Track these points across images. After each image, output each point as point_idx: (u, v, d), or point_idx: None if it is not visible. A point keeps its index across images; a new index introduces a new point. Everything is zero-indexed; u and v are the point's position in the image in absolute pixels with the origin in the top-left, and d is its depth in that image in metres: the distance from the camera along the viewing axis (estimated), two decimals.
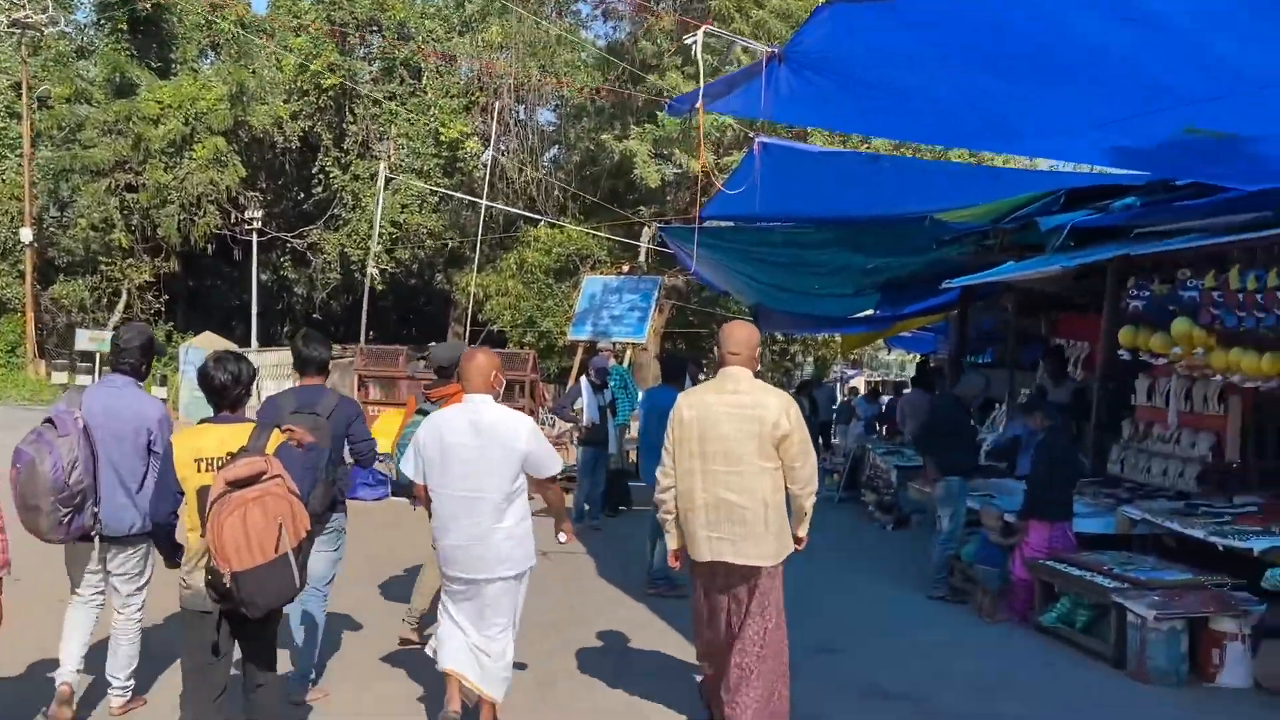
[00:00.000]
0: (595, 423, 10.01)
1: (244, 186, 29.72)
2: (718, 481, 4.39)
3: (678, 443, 4.52)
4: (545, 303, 22.99)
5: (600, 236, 21.44)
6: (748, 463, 4.36)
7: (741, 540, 4.36)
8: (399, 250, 29.81)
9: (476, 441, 4.33)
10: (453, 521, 4.36)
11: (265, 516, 3.69)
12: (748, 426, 4.36)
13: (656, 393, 7.65)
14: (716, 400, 4.48)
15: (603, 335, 19.87)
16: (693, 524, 4.46)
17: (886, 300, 13.01)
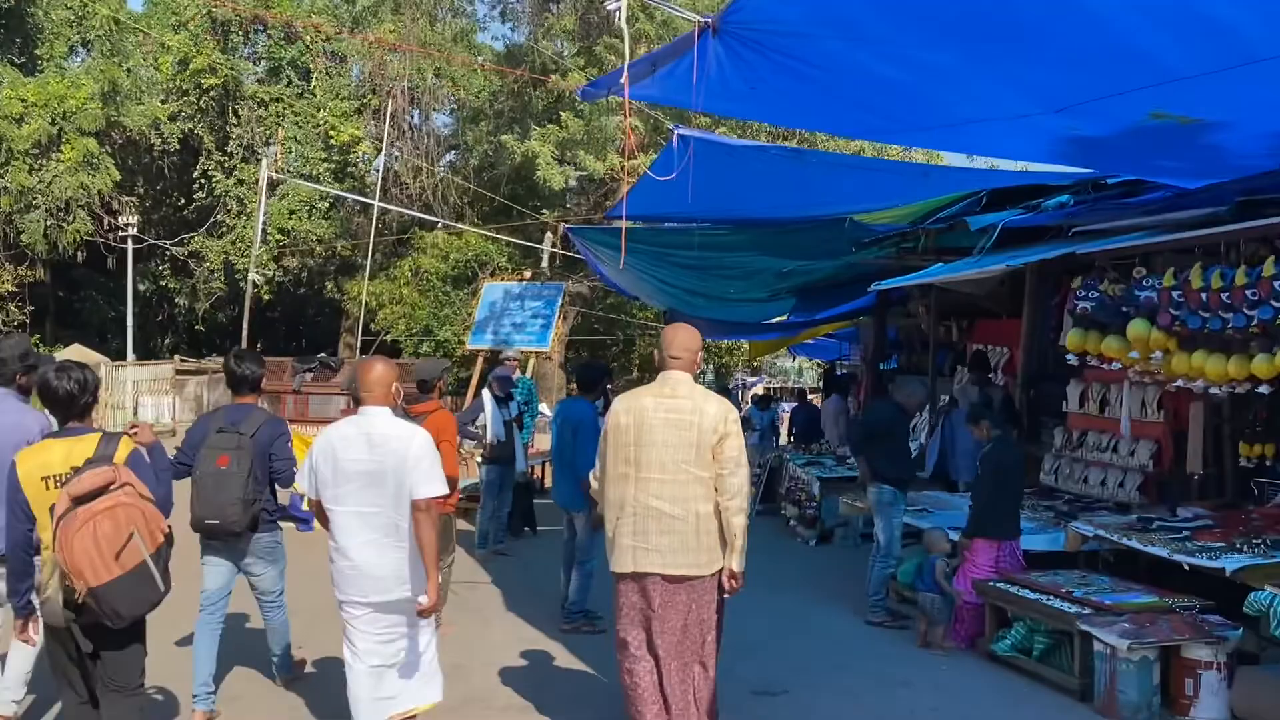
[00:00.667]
0: (500, 439, 9.26)
1: (119, 191, 28.01)
2: (649, 489, 4.21)
3: (612, 447, 4.36)
4: (442, 311, 22.07)
5: (501, 239, 20.66)
6: (682, 470, 4.19)
7: (670, 551, 4.18)
8: (287, 258, 28.45)
9: (370, 456, 4.07)
10: (348, 540, 4.14)
11: (116, 528, 3.57)
12: (685, 434, 4.19)
13: (570, 405, 6.97)
14: (653, 405, 4.27)
15: (504, 344, 19.04)
16: (619, 532, 4.28)
17: (801, 305, 12.59)
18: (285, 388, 11.86)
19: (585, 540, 6.78)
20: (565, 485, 6.87)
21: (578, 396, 7.03)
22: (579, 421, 6.71)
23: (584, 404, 6.88)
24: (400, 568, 4.10)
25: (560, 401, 7.07)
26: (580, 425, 6.70)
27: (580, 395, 7.00)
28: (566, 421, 6.80)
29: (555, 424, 7.02)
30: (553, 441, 7.11)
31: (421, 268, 22.73)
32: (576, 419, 6.74)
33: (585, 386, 7.02)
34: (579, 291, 19.20)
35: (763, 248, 10.19)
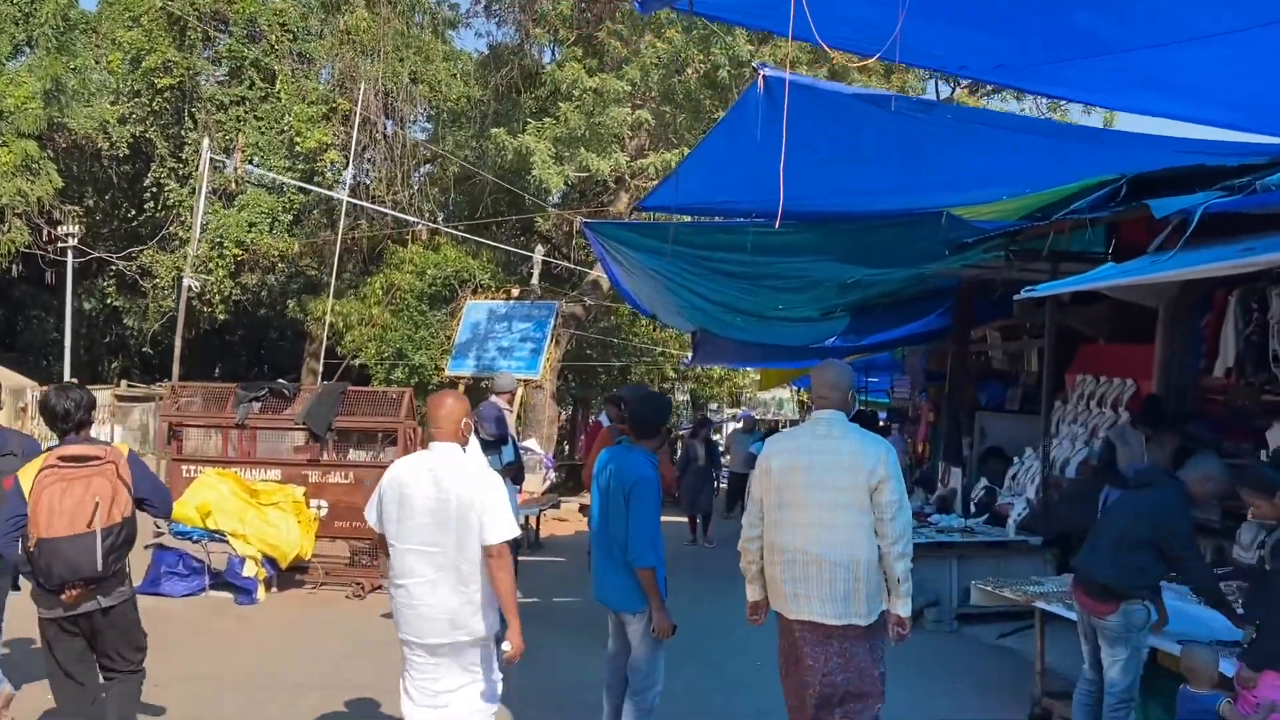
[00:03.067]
0: None
1: (61, 200, 25.61)
2: (808, 535, 4.09)
3: (766, 491, 4.27)
4: (417, 333, 19.80)
5: (484, 254, 18.46)
6: (842, 514, 4.06)
7: (831, 600, 4.04)
8: (245, 275, 26.10)
9: (436, 493, 3.97)
10: (407, 578, 4.02)
11: (86, 492, 4.07)
12: (844, 476, 4.06)
13: (622, 457, 4.76)
14: (809, 446, 4.20)
15: (489, 370, 16.88)
16: (778, 579, 4.20)
17: (855, 327, 10.52)
18: (226, 420, 9.57)
19: (645, 659, 4.62)
20: (613, 575, 4.70)
21: (630, 445, 4.84)
22: (636, 482, 4.58)
23: (641, 457, 4.71)
24: (459, 612, 3.97)
25: (607, 451, 4.87)
26: (638, 488, 4.56)
27: (635, 442, 4.82)
28: (618, 482, 4.64)
29: (599, 486, 4.85)
30: (594, 511, 4.93)
31: (394, 284, 20.46)
32: (632, 479, 4.60)
33: (644, 430, 4.81)
34: (572, 312, 17.06)
35: (831, 251, 8.10)
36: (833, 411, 4.19)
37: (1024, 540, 8.30)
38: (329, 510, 9.48)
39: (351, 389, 9.61)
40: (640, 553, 4.50)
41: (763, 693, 5.83)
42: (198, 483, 9.34)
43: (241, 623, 8.06)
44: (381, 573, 4.53)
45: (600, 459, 4.90)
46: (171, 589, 8.82)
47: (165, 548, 8.94)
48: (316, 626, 8.03)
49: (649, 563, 4.50)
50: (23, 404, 18.69)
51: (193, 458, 9.90)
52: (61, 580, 4.03)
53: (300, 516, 9.24)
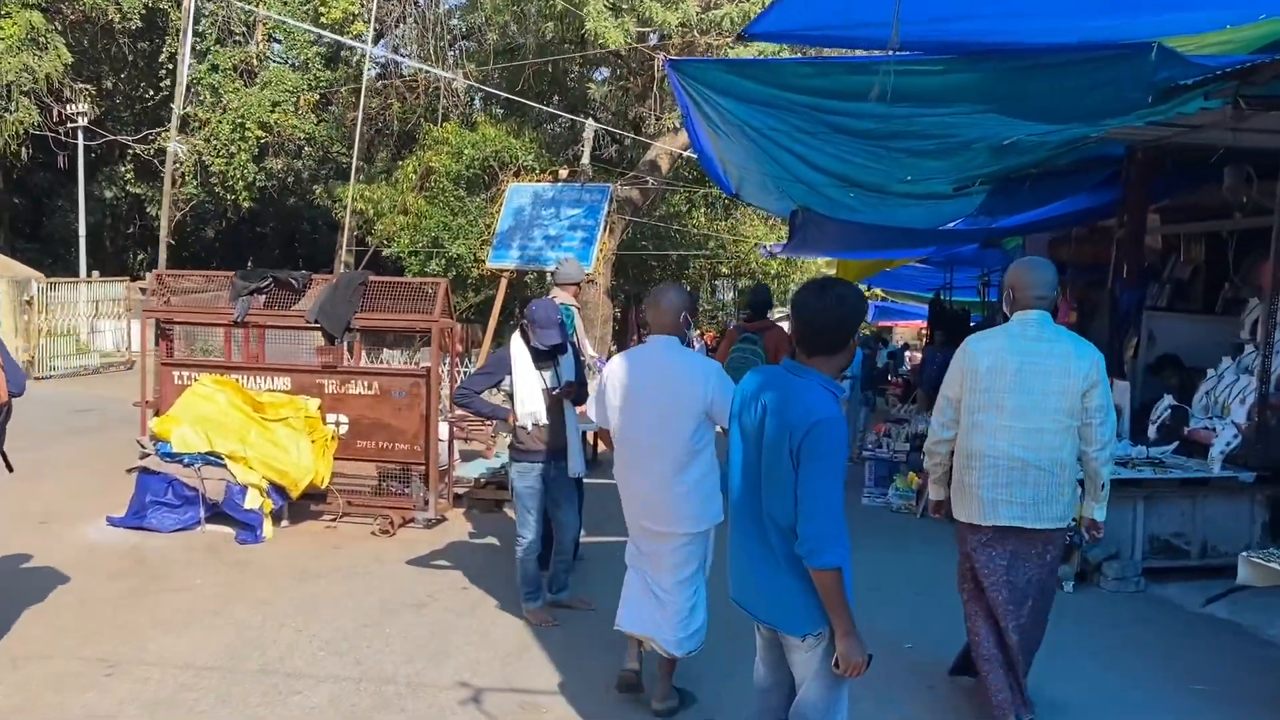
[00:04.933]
0: (541, 421, 5.34)
1: (72, 77, 23.74)
2: (1014, 439, 4.01)
3: (970, 391, 4.11)
4: (454, 221, 17.95)
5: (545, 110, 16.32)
6: (1050, 419, 3.99)
7: (1034, 504, 4.02)
8: (270, 159, 24.30)
9: (660, 386, 4.10)
10: (632, 470, 4.23)
11: None
12: (1055, 380, 3.97)
13: (788, 385, 2.93)
14: (1017, 348, 4.05)
15: (534, 262, 15.02)
16: (976, 484, 4.10)
17: (993, 203, 8.49)
18: (222, 317, 7.86)
19: (819, 704, 2.87)
20: (768, 573, 2.94)
21: (797, 366, 3.01)
22: (814, 428, 2.78)
23: (818, 388, 2.90)
24: (682, 501, 4.10)
25: (757, 373, 3.05)
26: (817, 437, 2.79)
27: (805, 361, 2.98)
28: (780, 425, 2.86)
29: (741, 426, 3.06)
30: (733, 467, 3.13)
31: (428, 167, 18.53)
32: (806, 422, 2.80)
33: (825, 342, 2.96)
34: (627, 196, 15.08)
35: (994, 99, 6.11)
36: (1041, 312, 4.09)
37: (1231, 476, 6.45)
38: (349, 427, 7.81)
39: (374, 279, 7.84)
40: (819, 544, 2.75)
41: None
42: (190, 392, 7.68)
43: (239, 570, 6.46)
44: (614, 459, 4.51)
45: (746, 384, 3.09)
46: (159, 522, 7.25)
47: (151, 472, 7.34)
48: (333, 576, 6.42)
49: (832, 561, 2.75)
50: (28, 296, 17.15)
51: (186, 362, 8.23)
52: None
53: (314, 435, 7.59)
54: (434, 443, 7.61)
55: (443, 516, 7.83)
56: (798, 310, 2.96)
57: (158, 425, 7.48)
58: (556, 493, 5.50)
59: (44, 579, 6.08)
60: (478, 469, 8.55)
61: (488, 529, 7.70)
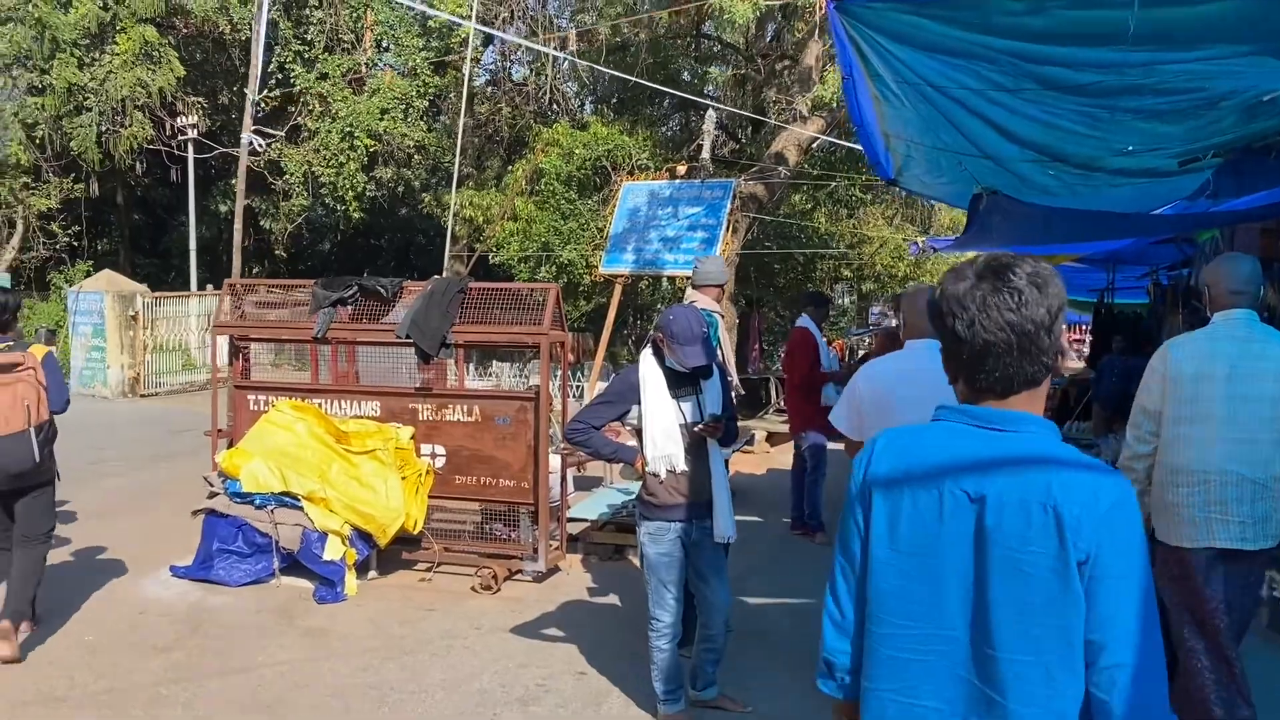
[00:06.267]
0: (678, 467, 4.03)
1: (185, 90, 23.59)
2: (1228, 453, 3.56)
3: (1172, 402, 3.69)
4: (565, 225, 16.85)
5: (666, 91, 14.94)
6: (1266, 429, 3.55)
7: (1249, 524, 3.55)
8: (379, 169, 23.72)
9: (918, 394, 2.98)
10: None
11: (14, 398, 4.78)
12: (1270, 385, 3.54)
13: (1031, 443, 1.60)
14: (1225, 352, 3.64)
15: (651, 266, 13.77)
16: (1184, 503, 3.64)
17: (1221, 181, 6.83)
18: (302, 332, 6.80)
19: None
20: None
21: (994, 415, 1.66)
22: (1110, 517, 1.51)
23: (1072, 454, 1.58)
24: None
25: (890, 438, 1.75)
26: (1116, 528, 1.45)
27: (1001, 409, 1.64)
28: (1024, 520, 1.56)
29: (903, 530, 1.73)
30: (884, 601, 1.75)
31: (540, 170, 17.50)
32: (1096, 510, 1.47)
33: (1026, 372, 1.63)
34: (752, 193, 13.71)
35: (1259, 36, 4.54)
36: (1247, 311, 3.72)
37: None
38: (446, 460, 6.65)
39: (474, 286, 6.66)
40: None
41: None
42: (265, 420, 6.64)
43: (312, 642, 5.33)
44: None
45: (887, 458, 1.87)
46: (228, 573, 6.20)
47: (219, 515, 6.31)
48: (424, 652, 5.24)
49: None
50: (132, 311, 16.71)
51: (262, 384, 7.19)
52: (3, 470, 4.81)
53: (406, 470, 6.45)
54: (544, 478, 6.38)
55: (554, 567, 6.59)
56: (966, 314, 1.74)
57: (226, 460, 6.45)
58: (700, 562, 4.18)
59: (77, 655, 5.06)
60: (597, 507, 7.29)
61: (609, 584, 6.43)
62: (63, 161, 22.18)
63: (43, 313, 21.12)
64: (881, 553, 1.80)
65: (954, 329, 1.75)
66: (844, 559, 1.90)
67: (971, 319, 1.71)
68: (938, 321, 1.80)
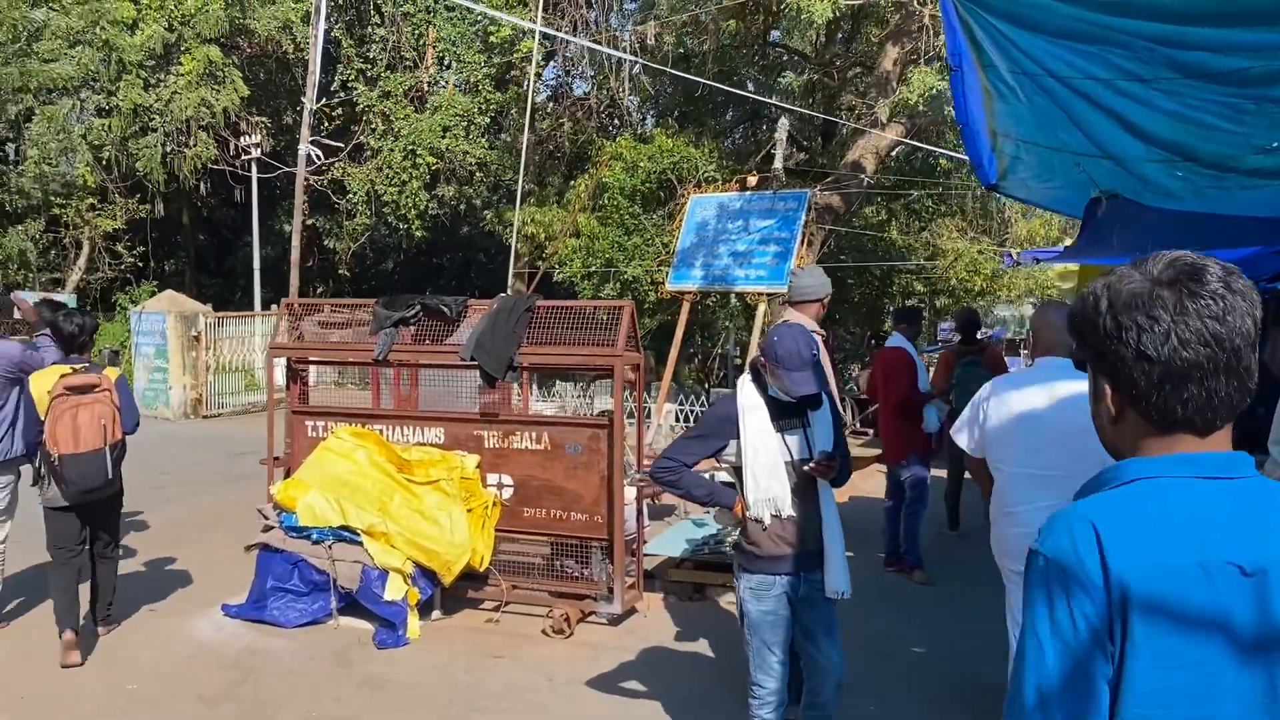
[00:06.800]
0: (783, 511, 3.50)
1: (248, 110, 23.67)
2: None
3: None
4: (629, 240, 16.40)
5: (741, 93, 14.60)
6: None
7: None
8: (441, 186, 23.54)
9: (1055, 413, 3.60)
10: (1020, 505, 3.70)
11: (92, 417, 5.12)
12: None
13: None
14: None
15: (720, 283, 13.24)
16: None
17: None
18: (363, 354, 6.39)
19: None
20: None
21: (1236, 462, 1.28)
22: None
23: None
24: None
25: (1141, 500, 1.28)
26: None
27: (1227, 455, 1.25)
28: None
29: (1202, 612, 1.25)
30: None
31: (605, 184, 17.08)
32: None
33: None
34: (827, 204, 13.12)
35: None
36: None
37: None
38: (514, 491, 6.17)
39: (542, 304, 6.19)
40: None
41: None
42: (324, 448, 6.22)
43: (369, 695, 4.86)
44: (984, 495, 3.92)
45: (1167, 507, 1.37)
46: (282, 614, 5.78)
47: (274, 550, 5.89)
48: (491, 710, 4.75)
49: None
50: (195, 332, 16.58)
51: (320, 409, 6.79)
52: (79, 486, 5.11)
53: (472, 502, 5.99)
54: (619, 511, 5.87)
55: (631, 608, 6.07)
56: (1158, 326, 1.38)
57: (281, 491, 6.04)
58: (809, 620, 3.64)
59: (120, 706, 4.65)
60: (675, 542, 6.75)
61: (691, 629, 5.89)
62: (128, 182, 22.33)
63: (108, 333, 21.20)
64: (1146, 680, 1.27)
65: (1138, 345, 1.37)
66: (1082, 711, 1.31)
67: (1166, 332, 1.35)
68: (1099, 338, 1.42)
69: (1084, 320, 1.45)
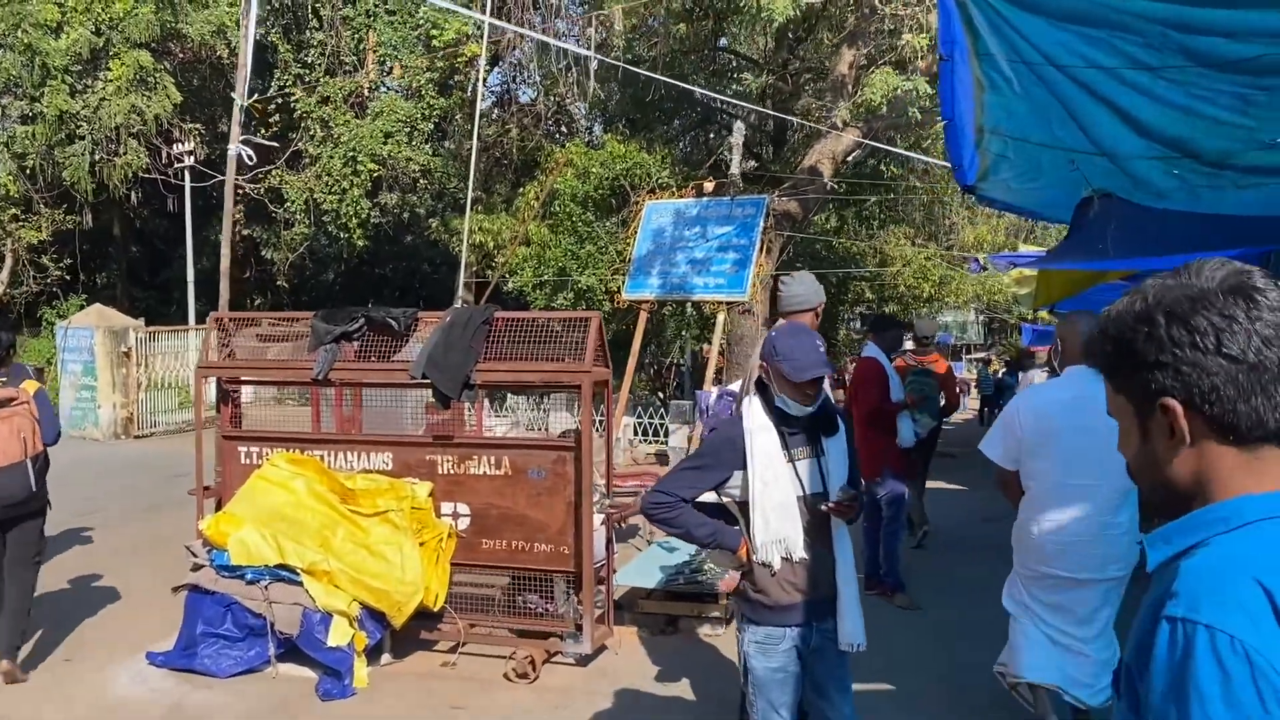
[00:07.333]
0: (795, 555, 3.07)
1: (181, 117, 22.79)
2: None
3: None
4: (581, 248, 15.94)
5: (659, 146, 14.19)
6: None
7: None
8: (384, 194, 22.85)
9: (1085, 423, 3.53)
10: (1053, 515, 3.87)
11: (11, 430, 5.04)
12: None
13: None
14: None
15: (679, 291, 12.83)
16: None
17: None
18: (302, 371, 5.84)
19: None
20: None
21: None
22: None
23: None
24: (1114, 544, 3.82)
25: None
26: None
27: None
28: None
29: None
30: None
31: (553, 192, 16.60)
32: None
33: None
34: (785, 210, 12.76)
35: None
36: None
37: None
38: (472, 520, 5.65)
39: (501, 315, 5.69)
40: None
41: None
42: (258, 477, 5.65)
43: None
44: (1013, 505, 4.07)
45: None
46: (214, 662, 5.21)
47: (203, 591, 5.31)
48: None
49: None
50: (125, 347, 15.76)
51: (255, 434, 6.20)
52: (4, 501, 5.04)
53: (425, 534, 5.47)
54: (587, 541, 5.38)
55: (601, 646, 5.58)
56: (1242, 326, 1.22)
57: (210, 527, 5.46)
58: (819, 674, 3.19)
59: None
60: (647, 571, 6.27)
61: (668, 668, 5.41)
62: (55, 192, 21.32)
63: (33, 350, 20.23)
64: None
65: (1219, 347, 1.21)
66: None
67: (1248, 330, 1.21)
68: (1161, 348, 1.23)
69: (1133, 333, 1.26)
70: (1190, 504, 1.23)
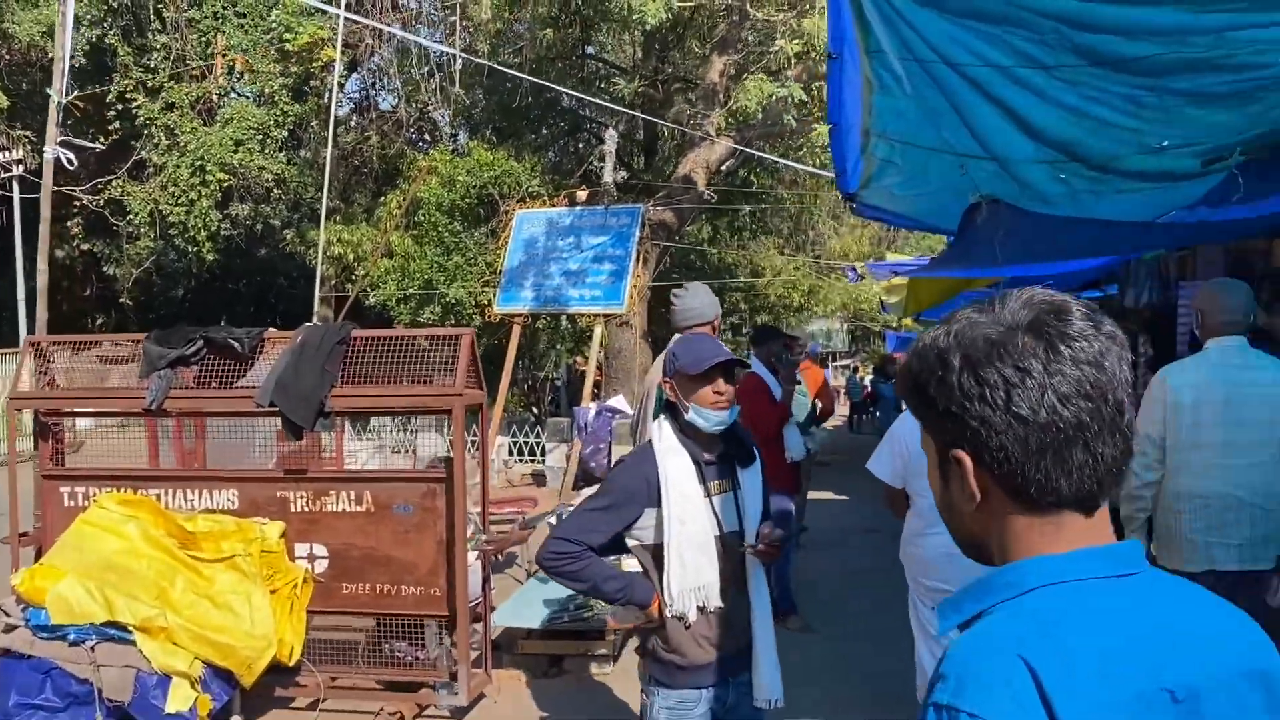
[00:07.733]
0: (710, 605, 2.71)
1: (9, 123, 21.17)
2: (1229, 478, 3.62)
3: (1173, 429, 3.74)
4: (449, 260, 15.33)
5: (528, 153, 13.74)
6: (1264, 451, 3.60)
7: (1248, 546, 3.60)
8: (235, 205, 21.67)
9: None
10: (939, 526, 2.72)
11: None
12: (1265, 409, 3.60)
13: None
14: (1223, 378, 3.70)
15: (554, 304, 12.40)
16: (1185, 527, 3.72)
17: (1234, 185, 5.90)
18: (133, 400, 5.17)
19: None
20: None
21: None
22: None
23: None
24: None
25: None
26: None
27: None
28: None
29: None
30: None
31: (416, 201, 15.95)
32: None
33: None
34: (661, 219, 12.49)
35: None
36: (1240, 338, 3.77)
37: None
38: (330, 563, 5.10)
39: (359, 334, 5.16)
40: None
41: None
42: (83, 521, 4.96)
43: None
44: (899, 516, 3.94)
45: (1099, 623, 1.06)
46: None
47: (17, 656, 4.61)
48: None
49: None
50: None
51: (80, 472, 5.49)
52: None
53: (276, 580, 4.89)
54: (461, 582, 4.90)
55: (479, 695, 5.10)
56: (1030, 380, 1.09)
57: (25, 582, 4.75)
58: None
59: None
60: (528, 609, 5.81)
61: (554, 715, 4.97)
62: None
63: None
64: None
65: (1009, 405, 1.09)
66: None
67: (1041, 385, 1.09)
68: (953, 398, 1.11)
69: (928, 377, 1.15)
70: (995, 557, 1.15)
